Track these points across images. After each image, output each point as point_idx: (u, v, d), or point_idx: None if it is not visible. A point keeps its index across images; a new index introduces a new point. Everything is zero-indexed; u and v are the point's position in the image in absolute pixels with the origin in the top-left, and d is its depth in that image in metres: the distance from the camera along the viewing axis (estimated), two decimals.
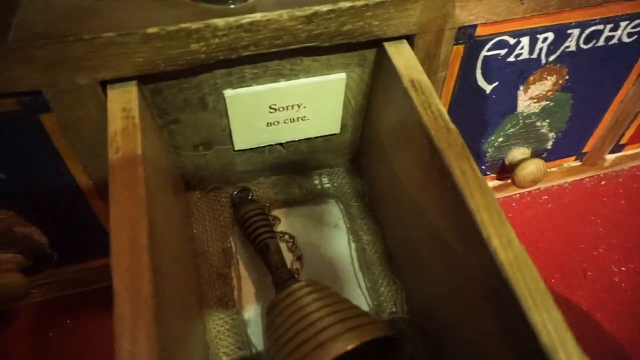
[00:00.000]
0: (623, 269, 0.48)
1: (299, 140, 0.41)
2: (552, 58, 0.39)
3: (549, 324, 0.22)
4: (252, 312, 0.38)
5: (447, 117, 0.29)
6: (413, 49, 0.33)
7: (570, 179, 0.55)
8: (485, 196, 0.26)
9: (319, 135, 0.41)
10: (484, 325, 0.27)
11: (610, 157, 0.54)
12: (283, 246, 0.41)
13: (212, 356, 0.36)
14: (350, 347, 0.28)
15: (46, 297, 0.45)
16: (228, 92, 0.34)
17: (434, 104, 0.30)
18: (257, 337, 0.37)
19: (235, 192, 0.43)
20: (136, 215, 0.24)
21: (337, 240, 0.42)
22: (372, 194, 0.44)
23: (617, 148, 0.53)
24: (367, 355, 0.34)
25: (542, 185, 0.54)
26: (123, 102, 0.29)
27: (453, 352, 0.32)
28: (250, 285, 0.39)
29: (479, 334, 0.28)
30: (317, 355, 0.28)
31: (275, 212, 0.44)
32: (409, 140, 0.33)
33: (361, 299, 0.39)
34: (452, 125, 0.29)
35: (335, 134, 0.41)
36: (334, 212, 0.44)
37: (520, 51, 0.37)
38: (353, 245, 0.42)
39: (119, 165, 0.26)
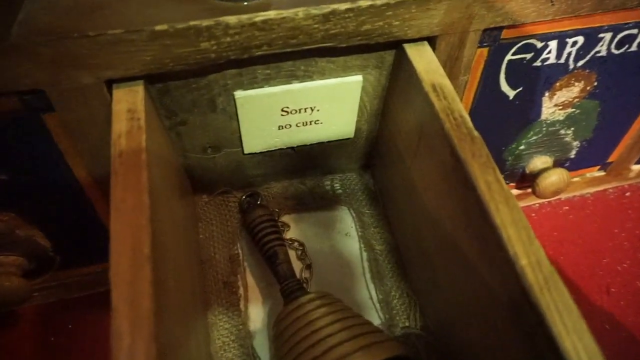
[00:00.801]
0: None
1: (311, 145, 0.39)
2: (580, 63, 0.37)
3: (582, 352, 0.20)
4: (258, 323, 0.36)
5: (470, 124, 0.28)
6: (434, 52, 0.32)
7: (592, 190, 0.53)
8: (512, 210, 0.24)
9: (332, 139, 0.39)
10: (507, 350, 0.25)
11: (636, 167, 0.52)
12: (292, 254, 0.40)
13: None
14: None
15: (48, 301, 0.44)
16: (239, 94, 0.32)
17: (456, 110, 0.28)
18: (263, 349, 0.35)
19: (244, 197, 0.42)
20: (139, 224, 0.23)
21: (349, 249, 0.41)
22: (386, 202, 0.42)
23: None
24: None
25: (563, 196, 0.52)
26: (128, 103, 0.28)
27: None
28: (257, 295, 0.38)
29: (499, 354, 0.26)
30: None
31: (285, 218, 0.42)
32: (429, 148, 0.31)
33: (372, 312, 0.37)
34: (476, 133, 0.27)
35: (349, 139, 0.40)
36: (346, 219, 0.42)
37: (548, 55, 0.35)
38: (365, 255, 0.40)
39: (122, 169, 0.25)
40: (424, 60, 0.31)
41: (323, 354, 0.27)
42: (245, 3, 0.28)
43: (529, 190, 0.47)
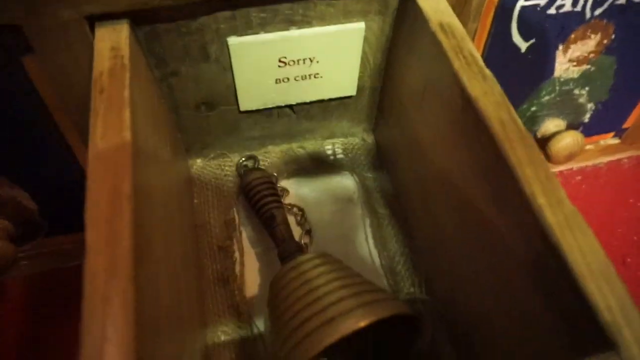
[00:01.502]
0: None
1: (310, 103, 0.37)
2: (598, 12, 0.35)
3: (610, 297, 0.18)
4: (255, 289, 0.35)
5: (481, 62, 0.25)
6: None
7: (606, 159, 0.50)
8: (528, 149, 0.22)
9: (333, 97, 0.37)
10: (523, 307, 0.23)
11: None
12: (291, 220, 0.38)
13: (210, 335, 0.32)
14: (362, 324, 0.24)
15: (39, 270, 0.42)
16: (232, 40, 0.30)
17: (466, 48, 0.26)
18: (259, 314, 0.33)
19: (241, 161, 0.40)
20: (119, 162, 0.21)
21: (351, 214, 0.39)
22: (390, 165, 0.40)
23: None
24: (380, 337, 0.30)
25: (574, 165, 0.50)
26: (112, 41, 0.26)
27: (483, 341, 0.28)
28: (254, 260, 0.36)
29: (516, 317, 0.24)
30: (324, 333, 0.24)
31: (284, 183, 0.40)
32: (436, 95, 0.29)
33: (376, 279, 0.35)
34: (487, 72, 0.25)
35: (351, 97, 0.37)
36: (348, 184, 0.40)
37: (563, 2, 0.33)
38: (368, 220, 0.38)
39: (102, 107, 0.23)
40: (431, 0, 0.29)
41: (321, 311, 0.25)
42: None
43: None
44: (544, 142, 0.43)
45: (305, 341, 0.24)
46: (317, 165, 0.41)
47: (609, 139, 0.48)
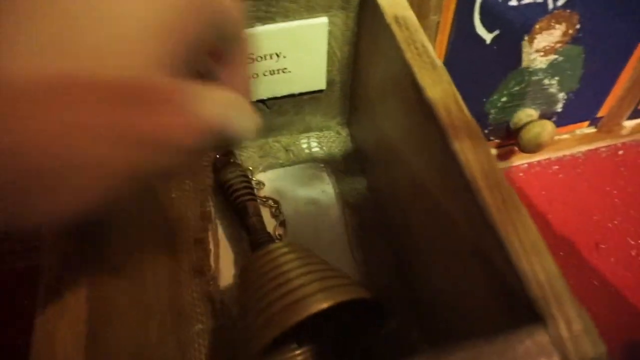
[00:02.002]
0: None
1: (282, 98, 0.38)
2: (560, 2, 0.35)
3: (540, 272, 0.19)
4: (230, 280, 0.36)
5: (433, 53, 0.26)
6: None
7: (584, 148, 0.51)
8: (472, 136, 0.23)
9: (303, 91, 0.38)
10: (473, 286, 0.24)
11: (629, 123, 0.50)
12: (266, 212, 0.39)
13: (185, 323, 0.33)
14: (325, 305, 0.25)
15: (22, 264, 0.43)
16: None
17: (418, 40, 0.27)
18: (234, 305, 0.34)
19: (218, 156, 0.41)
20: None
21: (325, 206, 0.40)
22: (363, 158, 0.41)
23: (637, 113, 0.49)
24: (347, 323, 0.31)
25: (552, 155, 0.50)
26: None
27: (445, 319, 0.29)
28: (229, 252, 0.37)
29: (469, 295, 0.25)
30: (287, 314, 0.25)
31: (260, 176, 0.41)
32: (395, 86, 0.30)
33: (351, 268, 0.36)
34: (438, 62, 0.26)
35: (321, 91, 0.38)
36: (323, 177, 0.41)
37: None
38: (342, 211, 0.39)
39: None
40: None
41: (287, 294, 0.26)
42: None
43: (516, 148, 0.46)
44: (516, 133, 0.44)
45: (271, 322, 0.25)
46: (293, 159, 0.42)
47: (585, 128, 0.49)
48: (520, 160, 0.50)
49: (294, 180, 0.41)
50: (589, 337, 0.18)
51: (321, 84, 0.37)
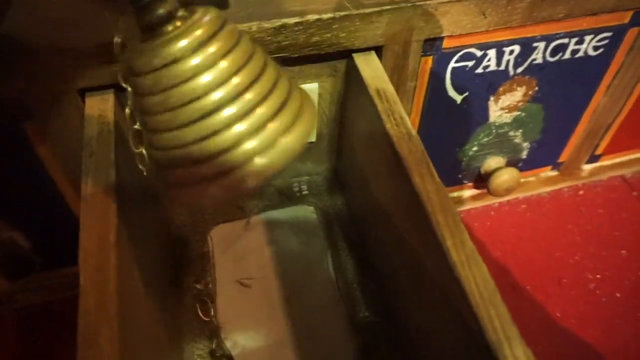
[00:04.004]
0: (598, 276, 0.49)
1: None
2: (520, 70, 0.40)
3: (495, 320, 0.23)
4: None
5: (409, 124, 0.31)
6: (381, 60, 0.35)
7: (548, 189, 0.56)
8: (441, 199, 0.27)
9: None
10: (446, 328, 0.28)
11: (587, 167, 0.55)
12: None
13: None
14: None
15: (32, 302, 0.46)
16: None
17: (397, 111, 0.31)
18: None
19: None
20: (106, 216, 0.26)
21: (313, 246, 0.43)
22: (349, 202, 0.45)
23: (594, 158, 0.54)
24: None
25: (521, 195, 0.55)
26: (99, 110, 0.30)
27: (424, 355, 0.33)
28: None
29: (443, 336, 0.29)
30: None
31: (255, 220, 0.45)
32: (377, 148, 0.34)
33: (335, 303, 0.40)
34: (413, 132, 0.30)
35: (311, 142, 0.43)
36: (312, 218, 0.45)
37: (488, 63, 0.39)
38: (329, 250, 0.43)
39: (92, 167, 0.28)
40: (371, 68, 0.34)
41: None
42: None
43: (486, 190, 0.51)
44: (487, 177, 0.49)
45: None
46: (284, 201, 0.46)
47: (548, 172, 0.54)
48: (491, 200, 0.54)
49: (286, 221, 0.45)
50: None
51: (312, 137, 0.42)
